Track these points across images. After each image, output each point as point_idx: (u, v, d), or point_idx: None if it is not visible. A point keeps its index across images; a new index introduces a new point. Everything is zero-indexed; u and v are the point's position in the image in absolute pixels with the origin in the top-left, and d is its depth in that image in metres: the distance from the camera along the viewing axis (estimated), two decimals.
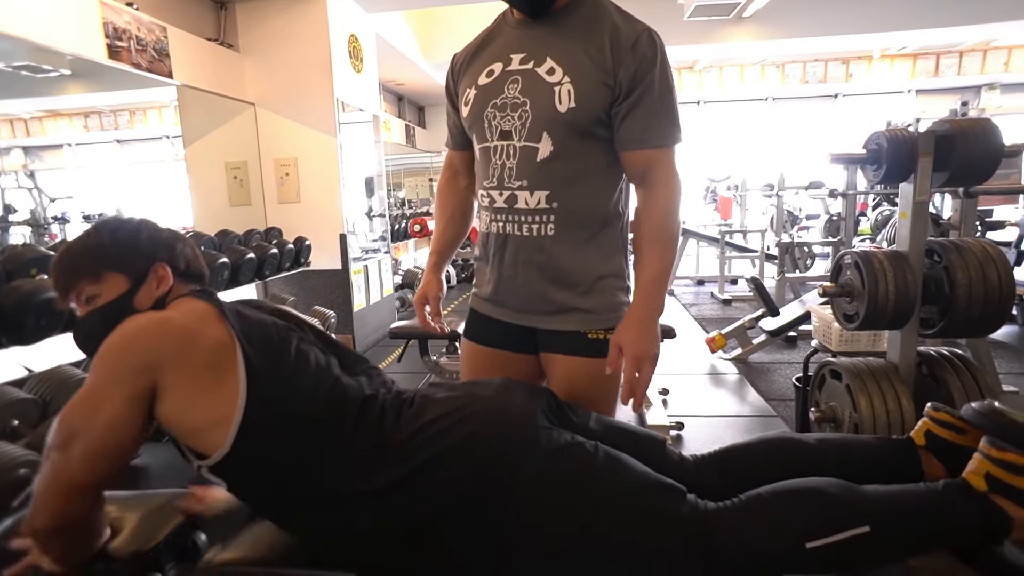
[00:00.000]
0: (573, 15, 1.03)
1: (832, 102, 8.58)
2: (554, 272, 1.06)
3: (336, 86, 3.70)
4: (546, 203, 1.03)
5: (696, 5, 4.93)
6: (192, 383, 0.83)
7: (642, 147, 1.02)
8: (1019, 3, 5.59)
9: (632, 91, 0.99)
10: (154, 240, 0.98)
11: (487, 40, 1.12)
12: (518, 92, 1.03)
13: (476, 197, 1.19)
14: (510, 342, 1.16)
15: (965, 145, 1.64)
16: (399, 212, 6.64)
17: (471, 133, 1.12)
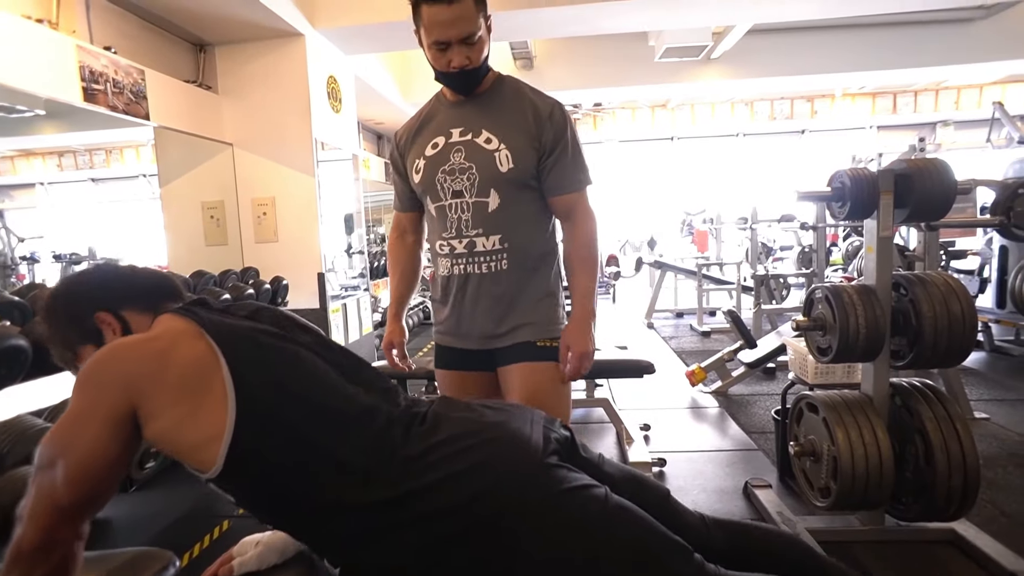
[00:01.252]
0: (496, 96, 1.32)
1: (799, 137, 8.91)
2: (509, 299, 1.32)
3: (315, 126, 3.73)
4: (499, 244, 1.30)
5: (666, 47, 5.12)
6: (173, 402, 0.81)
7: (565, 192, 1.33)
8: (962, 49, 5.94)
9: (553, 151, 1.30)
10: (86, 295, 0.97)
11: (426, 119, 1.37)
12: (463, 159, 1.29)
13: (429, 248, 1.43)
14: (471, 364, 1.39)
15: (922, 183, 1.71)
16: (378, 249, 6.63)
17: (424, 196, 1.35)
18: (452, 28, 1.20)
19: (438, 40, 1.22)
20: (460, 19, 1.19)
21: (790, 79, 6.49)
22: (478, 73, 1.28)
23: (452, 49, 1.22)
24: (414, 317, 5.97)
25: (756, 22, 5.06)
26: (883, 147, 6.92)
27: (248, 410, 0.81)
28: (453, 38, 1.21)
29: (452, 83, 1.30)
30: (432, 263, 1.43)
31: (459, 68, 1.24)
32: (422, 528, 0.82)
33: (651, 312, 5.78)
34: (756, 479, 2.17)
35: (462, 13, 1.18)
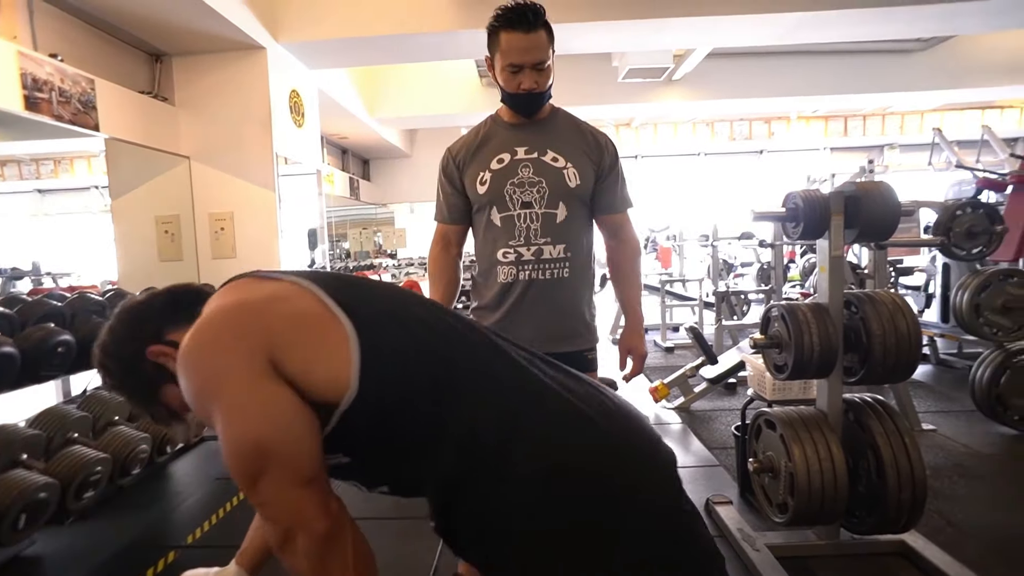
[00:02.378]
0: (554, 123, 1.48)
1: (758, 157, 9.22)
2: (568, 305, 1.45)
3: (276, 141, 3.66)
4: (564, 253, 1.43)
5: (629, 68, 5.24)
6: (295, 343, 0.74)
7: (616, 212, 1.52)
8: (904, 78, 6.28)
9: (608, 175, 1.47)
10: (122, 343, 0.86)
11: (485, 138, 1.48)
12: (532, 174, 1.41)
13: (484, 257, 1.50)
14: None
15: (869, 205, 1.77)
16: (343, 264, 6.53)
17: (489, 206, 1.44)
18: (527, 54, 1.35)
19: (513, 63, 1.36)
20: (535, 47, 1.34)
21: (748, 101, 6.73)
22: (542, 97, 1.42)
23: (523, 73, 1.36)
24: None
25: (715, 46, 5.24)
26: (836, 168, 7.22)
27: (366, 333, 0.75)
28: (527, 63, 1.35)
29: (519, 103, 1.43)
30: (483, 273, 1.51)
31: (528, 91, 1.38)
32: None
33: (616, 328, 5.82)
34: (717, 496, 2.18)
35: (537, 42, 1.34)
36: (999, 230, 3.04)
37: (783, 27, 4.15)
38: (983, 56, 6.09)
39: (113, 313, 0.90)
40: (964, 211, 3.11)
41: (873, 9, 3.87)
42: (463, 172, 1.48)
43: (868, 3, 3.86)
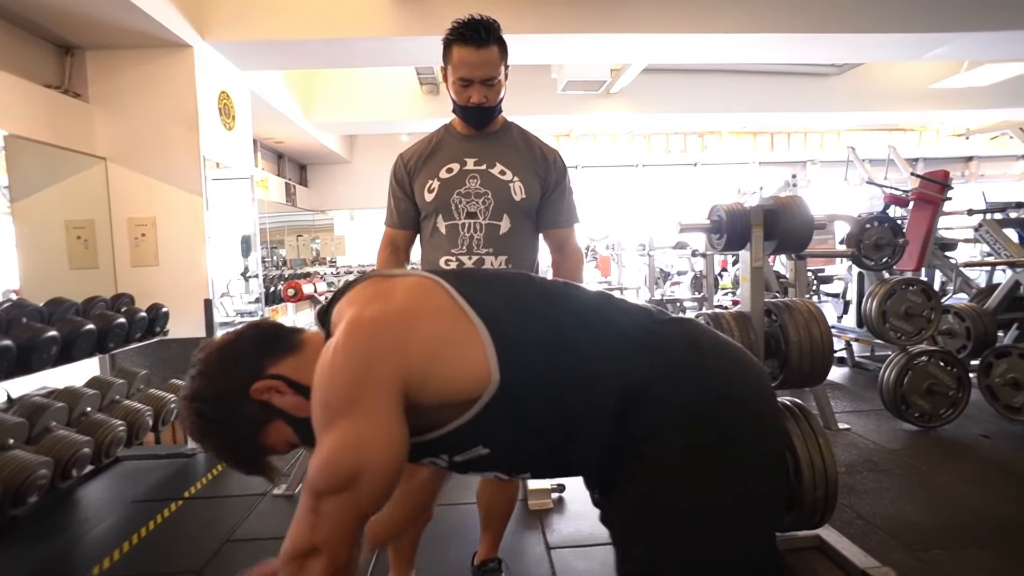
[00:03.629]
0: (506, 137, 1.52)
1: (693, 169, 9.57)
2: None
3: (203, 143, 3.50)
4: (506, 264, 1.46)
5: (568, 80, 5.34)
6: (433, 355, 0.76)
7: (561, 226, 1.56)
8: (822, 99, 6.71)
9: (555, 190, 1.52)
10: (226, 383, 0.83)
11: (437, 146, 1.52)
12: (479, 185, 1.45)
13: (426, 264, 1.52)
14: None
15: (786, 218, 1.88)
16: (278, 273, 6.30)
17: (434, 213, 1.48)
18: (478, 69, 1.38)
19: (463, 77, 1.39)
20: (485, 63, 1.38)
21: (683, 116, 7.00)
22: (492, 112, 1.47)
23: (473, 87, 1.40)
24: None
25: (650, 62, 5.42)
26: (764, 181, 7.60)
27: (495, 325, 0.78)
28: (477, 78, 1.39)
29: (469, 116, 1.47)
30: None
31: (477, 104, 1.42)
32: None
33: None
34: None
35: (488, 58, 1.38)
36: (901, 243, 3.29)
37: (713, 47, 4.35)
38: (889, 83, 6.60)
39: (198, 360, 0.84)
40: (872, 225, 3.35)
41: (794, 35, 4.13)
42: (413, 179, 1.51)
43: (790, 29, 4.11)
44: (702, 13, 4.02)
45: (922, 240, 3.83)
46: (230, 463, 0.88)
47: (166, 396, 2.88)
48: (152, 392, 2.92)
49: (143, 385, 3.01)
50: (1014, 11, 4.17)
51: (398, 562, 1.59)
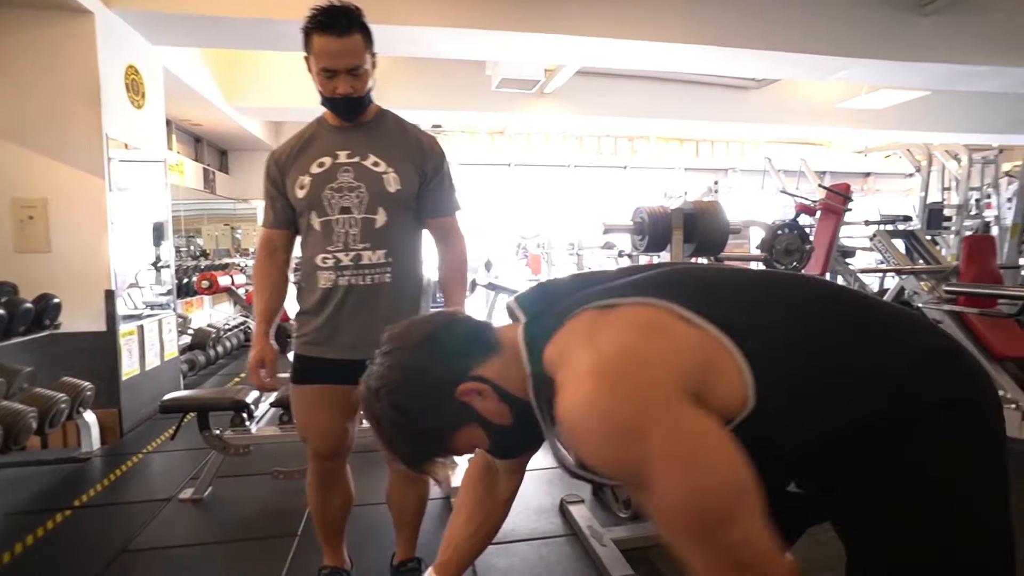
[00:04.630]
0: (380, 126, 1.47)
1: (623, 172, 9.86)
2: (390, 310, 1.40)
3: (106, 121, 3.22)
4: (384, 258, 1.42)
5: (502, 78, 5.35)
6: (708, 379, 0.68)
7: (443, 215, 1.52)
8: (743, 110, 7.10)
9: (433, 178, 1.48)
10: (433, 376, 0.78)
11: (308, 141, 1.46)
12: (352, 178, 1.40)
13: (304, 262, 1.46)
14: (337, 377, 1.41)
15: (704, 222, 1.96)
16: (194, 263, 5.92)
17: (308, 211, 1.42)
18: (340, 59, 1.32)
19: (326, 68, 1.33)
20: (348, 52, 1.32)
21: (613, 119, 7.18)
22: (361, 102, 1.41)
23: (339, 77, 1.34)
24: (232, 339, 5.40)
25: (583, 65, 5.52)
26: (689, 186, 7.94)
27: (739, 339, 0.69)
28: (341, 68, 1.33)
29: (336, 108, 1.41)
30: (305, 277, 1.47)
31: (344, 95, 1.36)
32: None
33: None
34: (571, 495, 2.27)
35: (351, 47, 1.32)
36: (808, 248, 3.52)
37: (644, 54, 4.48)
38: (802, 99, 7.08)
39: (395, 350, 0.80)
40: (783, 231, 3.56)
41: (718, 48, 4.33)
42: (285, 175, 1.45)
43: (715, 42, 4.31)
44: (634, 20, 4.14)
45: (827, 247, 4.12)
46: (405, 458, 0.83)
47: (55, 396, 2.63)
48: (38, 392, 2.65)
49: (27, 384, 2.73)
50: (904, 44, 4.61)
51: (335, 542, 1.64)
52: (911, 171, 8.05)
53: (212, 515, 2.29)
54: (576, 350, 0.71)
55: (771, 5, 4.38)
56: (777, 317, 0.75)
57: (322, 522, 1.62)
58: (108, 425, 3.12)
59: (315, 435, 1.50)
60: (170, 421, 2.76)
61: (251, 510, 2.31)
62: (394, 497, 1.64)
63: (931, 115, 7.16)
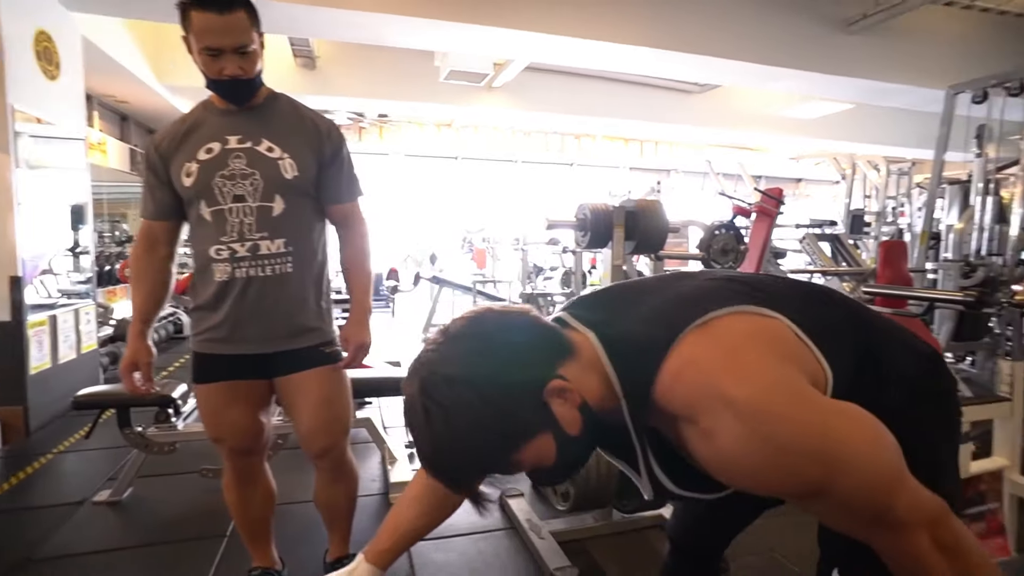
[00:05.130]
0: (272, 110, 1.38)
1: (569, 169, 9.97)
2: (295, 301, 1.37)
3: (11, 91, 2.96)
4: (285, 248, 1.34)
5: (450, 70, 5.29)
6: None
7: (343, 201, 1.45)
8: (686, 114, 7.33)
9: (332, 164, 1.41)
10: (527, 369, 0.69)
11: (193, 125, 1.35)
12: (244, 165, 1.31)
13: (197, 255, 1.36)
14: (243, 372, 1.38)
15: (644, 220, 2.00)
16: (118, 250, 5.54)
17: (196, 200, 1.32)
18: (225, 37, 1.23)
19: (210, 47, 1.23)
20: (232, 29, 1.23)
21: (561, 116, 7.24)
22: (251, 85, 1.32)
23: (225, 57, 1.25)
24: (160, 331, 5.11)
25: (530, 61, 5.53)
26: (633, 185, 8.12)
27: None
28: (226, 46, 1.24)
29: (224, 91, 1.32)
30: (199, 271, 1.38)
31: (231, 77, 1.27)
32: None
33: (428, 327, 5.84)
34: (510, 489, 2.28)
35: (235, 24, 1.23)
36: (743, 249, 3.67)
37: (591, 53, 4.54)
38: (741, 106, 7.37)
39: (479, 335, 0.70)
40: (720, 231, 3.70)
41: (662, 51, 4.44)
42: (168, 163, 1.34)
43: (660, 45, 4.41)
44: (583, 20, 4.18)
45: (760, 247, 4.31)
46: (459, 469, 0.70)
47: None
48: None
49: None
50: (832, 60, 4.89)
51: (262, 542, 1.59)
52: (838, 178, 8.54)
53: (132, 518, 2.16)
54: (720, 379, 0.67)
55: (714, 14, 4.54)
56: (843, 337, 0.79)
57: (244, 522, 1.55)
58: (11, 424, 2.89)
59: (228, 432, 1.42)
60: (86, 419, 2.57)
61: (176, 511, 2.19)
62: (322, 497, 1.58)
63: (856, 127, 7.62)
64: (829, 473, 0.63)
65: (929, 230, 4.16)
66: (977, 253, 3.86)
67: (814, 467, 0.63)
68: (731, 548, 1.38)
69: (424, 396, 0.67)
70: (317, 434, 1.44)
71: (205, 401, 1.42)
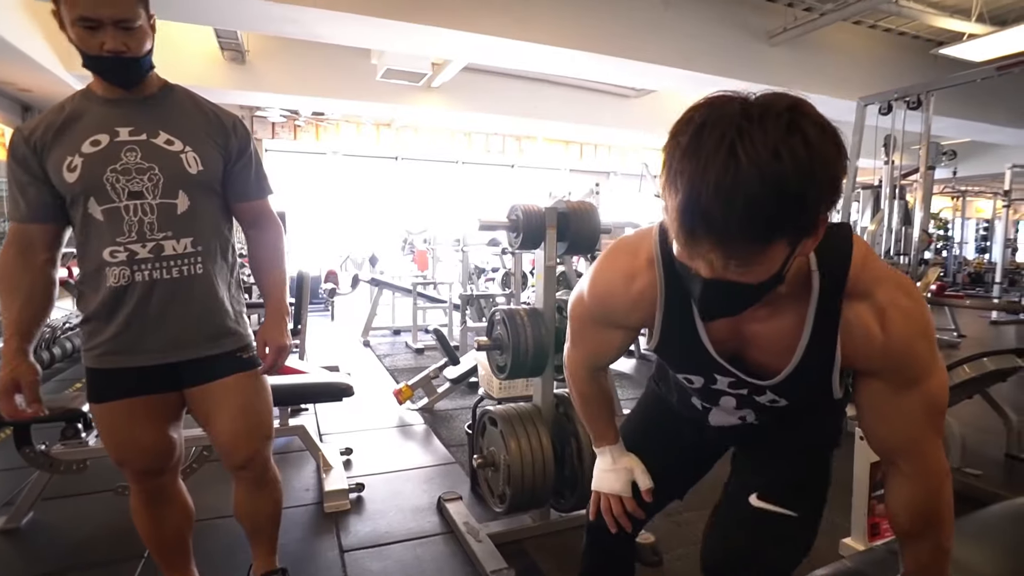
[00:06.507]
0: (169, 101, 1.28)
1: (510, 170, 10.01)
2: (207, 304, 1.28)
3: None
4: (192, 247, 1.25)
5: (387, 68, 5.20)
6: None
7: (253, 199, 1.38)
8: (624, 118, 7.51)
9: (239, 160, 1.33)
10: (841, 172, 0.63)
11: (72, 116, 1.21)
12: (140, 158, 1.20)
13: (86, 260, 1.23)
14: (148, 386, 1.28)
15: (577, 222, 2.03)
16: None
17: (83, 198, 1.19)
18: (103, 7, 1.11)
19: (85, 16, 1.10)
20: (113, 0, 1.11)
21: (501, 117, 7.27)
22: (139, 65, 1.20)
23: (105, 31, 1.12)
24: (67, 343, 4.73)
25: (468, 62, 5.51)
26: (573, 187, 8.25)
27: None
28: (105, 18, 1.11)
29: (105, 69, 1.18)
30: (87, 277, 1.24)
31: (113, 52, 1.14)
32: None
33: (367, 330, 5.72)
34: (448, 493, 2.26)
35: None
36: None
37: (528, 54, 4.57)
38: (675, 110, 7.55)
39: (818, 130, 0.61)
40: None
41: (598, 55, 4.53)
42: (44, 157, 1.19)
43: (595, 50, 4.50)
44: (519, 21, 4.20)
45: None
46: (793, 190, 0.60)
47: None
48: None
49: None
50: (756, 69, 5.15)
51: (180, 564, 1.49)
52: None
53: (33, 545, 1.99)
54: (884, 271, 0.82)
55: (647, 21, 4.68)
56: None
57: (159, 545, 1.44)
58: None
59: (135, 455, 1.30)
60: None
61: (85, 534, 2.03)
62: (242, 507, 1.47)
63: None
64: (935, 360, 0.80)
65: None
66: (887, 253, 4.15)
67: (934, 352, 0.80)
68: (665, 540, 1.43)
69: (798, 118, 0.60)
70: (238, 445, 1.35)
71: (105, 422, 1.29)
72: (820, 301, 0.79)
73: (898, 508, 0.86)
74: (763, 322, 0.83)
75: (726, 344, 0.88)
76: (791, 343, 0.82)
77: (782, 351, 0.83)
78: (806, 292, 0.79)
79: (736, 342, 0.87)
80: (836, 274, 0.78)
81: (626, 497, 1.10)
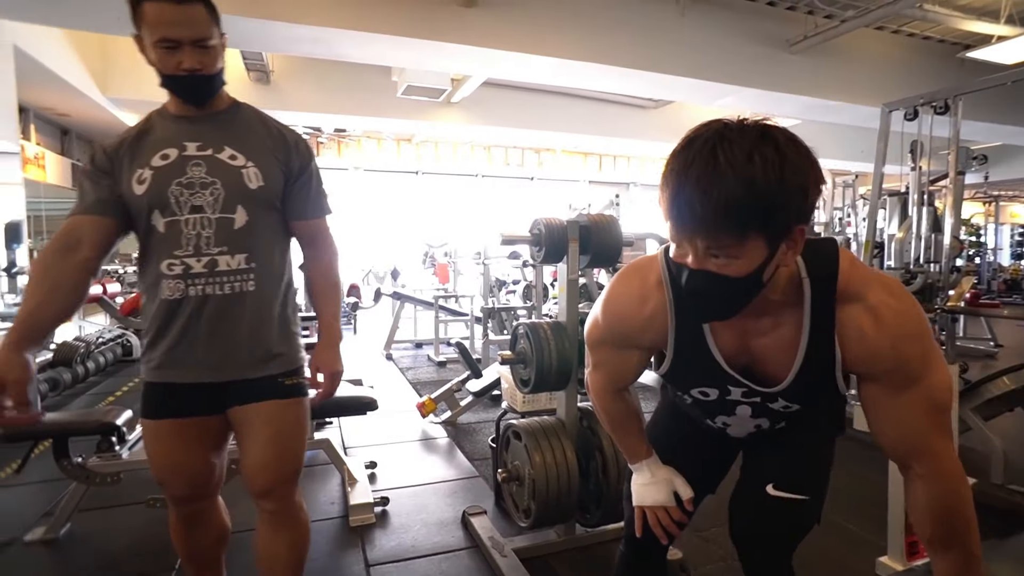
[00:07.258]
0: (236, 117, 1.29)
1: (530, 183, 10.06)
2: (256, 323, 1.25)
3: None
4: (246, 264, 1.23)
5: (408, 85, 5.28)
6: None
7: (310, 217, 1.35)
8: (642, 129, 7.51)
9: (300, 177, 1.32)
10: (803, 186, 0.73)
11: (145, 131, 1.25)
12: (204, 173, 1.21)
13: (147, 273, 1.24)
14: (197, 406, 1.26)
15: (599, 235, 2.03)
16: None
17: (148, 210, 1.20)
18: (183, 28, 1.14)
19: (166, 38, 1.14)
20: (191, 20, 1.15)
21: (520, 131, 7.32)
22: (212, 82, 1.23)
23: (183, 51, 1.16)
24: (108, 354, 4.86)
25: (487, 77, 5.58)
26: (592, 199, 8.25)
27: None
28: (185, 38, 1.15)
29: (182, 87, 1.21)
30: (148, 289, 1.25)
31: (190, 71, 1.17)
32: None
33: (390, 343, 5.76)
34: (473, 507, 2.25)
35: (193, 15, 1.15)
36: None
37: (545, 69, 4.61)
38: (692, 121, 7.55)
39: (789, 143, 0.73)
40: None
41: (615, 67, 4.55)
42: (119, 167, 1.21)
43: (612, 62, 4.51)
44: (537, 37, 4.24)
45: None
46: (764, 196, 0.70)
47: None
48: None
49: None
50: (776, 78, 5.11)
51: None
52: None
53: (70, 556, 2.03)
54: (872, 274, 0.87)
55: (664, 33, 4.68)
56: None
57: (191, 560, 1.44)
58: None
59: (173, 478, 1.29)
60: (18, 451, 2.41)
61: (119, 546, 2.08)
62: (260, 548, 1.36)
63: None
64: (933, 358, 0.83)
65: (873, 239, 4.35)
66: (916, 261, 4.06)
67: (931, 350, 0.83)
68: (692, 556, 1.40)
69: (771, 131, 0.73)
70: (263, 469, 1.28)
71: (151, 439, 1.28)
72: (813, 303, 0.85)
73: (918, 512, 0.86)
74: (767, 335, 0.90)
75: (737, 359, 0.94)
76: (793, 349, 0.88)
77: (786, 358, 0.89)
78: (800, 299, 0.86)
79: (745, 356, 0.94)
80: (825, 277, 0.85)
81: (671, 507, 1.11)
